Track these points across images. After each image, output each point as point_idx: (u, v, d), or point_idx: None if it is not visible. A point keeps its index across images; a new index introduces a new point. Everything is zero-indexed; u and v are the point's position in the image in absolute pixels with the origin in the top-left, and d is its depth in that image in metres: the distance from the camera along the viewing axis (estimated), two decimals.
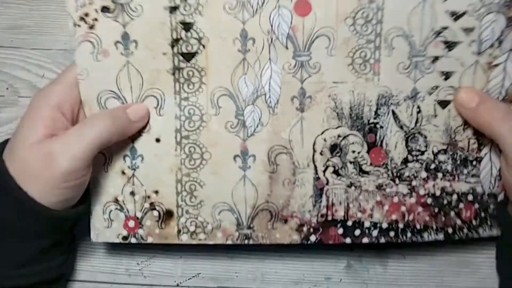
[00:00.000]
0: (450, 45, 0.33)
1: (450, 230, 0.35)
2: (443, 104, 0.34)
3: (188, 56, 0.33)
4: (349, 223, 0.35)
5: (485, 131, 0.33)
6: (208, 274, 0.39)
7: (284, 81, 0.34)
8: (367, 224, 0.35)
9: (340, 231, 0.35)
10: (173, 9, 0.32)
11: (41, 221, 0.31)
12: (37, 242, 0.32)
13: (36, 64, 0.39)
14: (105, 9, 0.32)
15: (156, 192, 0.35)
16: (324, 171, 0.35)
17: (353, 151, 0.34)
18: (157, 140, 0.34)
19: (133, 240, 0.35)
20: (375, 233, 0.35)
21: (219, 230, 0.35)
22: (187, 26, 0.33)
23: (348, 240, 0.35)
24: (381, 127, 0.34)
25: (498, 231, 0.35)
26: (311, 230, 0.35)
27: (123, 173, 0.35)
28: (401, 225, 0.35)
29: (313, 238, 0.35)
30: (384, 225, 0.35)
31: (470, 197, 0.35)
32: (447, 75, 0.34)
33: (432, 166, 0.35)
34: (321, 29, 0.33)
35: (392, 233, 0.35)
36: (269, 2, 0.32)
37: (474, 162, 0.35)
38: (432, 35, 0.33)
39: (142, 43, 0.33)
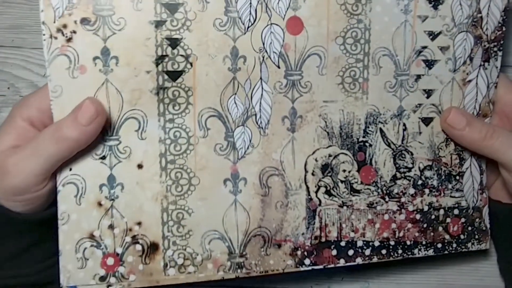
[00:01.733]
0: (430, 64, 0.36)
1: (439, 245, 0.37)
2: (426, 121, 0.37)
3: (174, 75, 0.32)
4: (343, 243, 0.36)
5: (476, 149, 0.36)
6: None
7: (275, 101, 0.34)
8: (359, 243, 0.36)
9: (334, 252, 0.36)
10: (159, 24, 0.32)
11: (5, 224, 0.32)
12: (6, 245, 0.33)
13: (37, 63, 0.40)
14: (85, 21, 0.30)
15: (139, 223, 0.33)
16: (317, 192, 0.35)
17: (344, 170, 0.36)
18: (139, 166, 0.33)
19: (112, 280, 0.33)
20: (367, 252, 0.36)
21: (210, 261, 0.34)
22: (173, 43, 0.32)
23: (342, 262, 0.36)
24: (370, 145, 0.36)
25: (487, 245, 0.38)
26: (305, 253, 0.35)
27: (100, 204, 0.33)
28: (392, 243, 0.37)
29: (307, 261, 0.35)
30: (376, 243, 0.36)
31: (456, 212, 0.38)
32: (428, 93, 0.36)
33: (419, 182, 0.37)
34: (313, 47, 0.34)
35: (384, 251, 0.37)
36: (261, 19, 0.33)
37: (458, 177, 0.38)
38: (414, 54, 0.36)
39: (123, 59, 0.31)
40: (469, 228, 0.38)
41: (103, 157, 0.32)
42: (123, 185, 0.33)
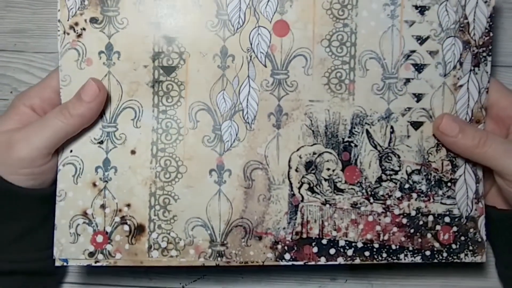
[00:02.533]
0: (419, 68, 0.37)
1: (428, 253, 0.37)
2: (416, 125, 0.37)
3: (169, 70, 0.36)
4: (324, 241, 0.37)
5: (470, 156, 0.36)
6: (213, 276, 0.41)
7: (261, 98, 0.37)
8: (342, 243, 0.37)
9: (315, 249, 0.37)
10: (157, 24, 0.36)
11: (9, 199, 0.35)
12: (10, 224, 0.35)
13: (40, 67, 0.42)
14: (93, 19, 0.35)
15: (128, 205, 0.36)
16: (299, 188, 0.37)
17: (328, 169, 0.37)
18: (132, 152, 0.36)
19: (100, 257, 0.36)
20: (350, 252, 0.37)
21: (192, 246, 0.36)
22: (169, 41, 0.36)
23: (323, 260, 0.37)
24: (356, 145, 0.37)
25: (483, 258, 0.37)
26: (286, 248, 0.36)
27: (94, 185, 0.36)
28: (376, 245, 0.37)
29: (287, 256, 0.36)
30: (359, 245, 0.37)
31: (447, 219, 0.37)
32: (418, 97, 0.37)
33: (406, 186, 0.37)
34: (298, 49, 0.36)
35: (367, 253, 0.37)
36: (249, 22, 0.36)
37: (449, 184, 0.37)
38: (402, 58, 0.37)
39: (124, 54, 0.36)
40: (462, 238, 0.37)
41: (101, 142, 0.36)
42: (117, 168, 0.36)
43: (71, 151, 0.36)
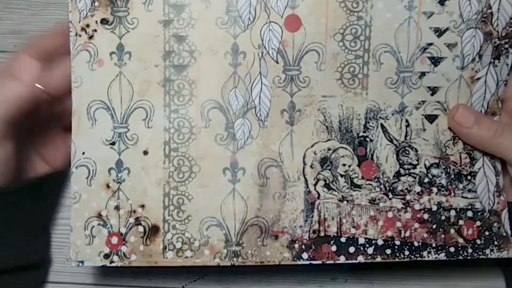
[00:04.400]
0: (435, 61, 0.36)
1: (452, 249, 0.36)
2: (431, 118, 0.36)
3: (180, 69, 0.36)
4: (343, 239, 0.36)
5: (484, 147, 0.36)
6: (213, 276, 0.42)
7: (274, 94, 0.36)
8: (361, 240, 0.36)
9: (334, 248, 0.36)
10: (167, 23, 0.36)
11: None
12: None
13: None
14: (104, 21, 0.35)
15: (142, 206, 0.36)
16: (315, 185, 0.36)
17: (344, 164, 0.36)
18: (145, 153, 0.36)
19: (115, 259, 0.36)
20: (370, 250, 0.36)
21: (207, 247, 0.36)
22: (179, 39, 0.36)
23: (342, 259, 0.36)
24: (371, 140, 0.36)
25: (510, 253, 0.36)
26: (303, 247, 0.36)
27: (108, 186, 0.36)
28: (397, 242, 0.36)
29: (305, 255, 0.35)
30: (380, 242, 0.36)
31: (469, 214, 0.36)
32: (433, 90, 0.36)
33: (426, 180, 0.36)
34: (311, 44, 0.36)
35: (388, 251, 0.36)
36: (260, 18, 0.36)
37: (469, 177, 0.36)
38: (418, 51, 0.36)
39: (135, 54, 0.36)
40: (486, 233, 0.36)
41: (113, 143, 0.36)
42: (130, 169, 0.36)
43: (83, 153, 0.36)
